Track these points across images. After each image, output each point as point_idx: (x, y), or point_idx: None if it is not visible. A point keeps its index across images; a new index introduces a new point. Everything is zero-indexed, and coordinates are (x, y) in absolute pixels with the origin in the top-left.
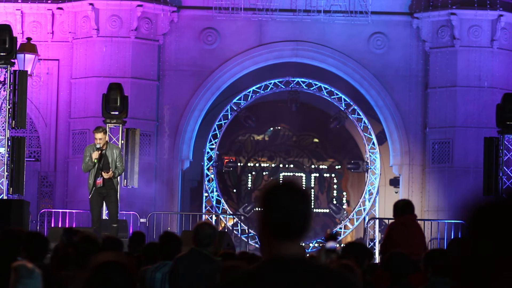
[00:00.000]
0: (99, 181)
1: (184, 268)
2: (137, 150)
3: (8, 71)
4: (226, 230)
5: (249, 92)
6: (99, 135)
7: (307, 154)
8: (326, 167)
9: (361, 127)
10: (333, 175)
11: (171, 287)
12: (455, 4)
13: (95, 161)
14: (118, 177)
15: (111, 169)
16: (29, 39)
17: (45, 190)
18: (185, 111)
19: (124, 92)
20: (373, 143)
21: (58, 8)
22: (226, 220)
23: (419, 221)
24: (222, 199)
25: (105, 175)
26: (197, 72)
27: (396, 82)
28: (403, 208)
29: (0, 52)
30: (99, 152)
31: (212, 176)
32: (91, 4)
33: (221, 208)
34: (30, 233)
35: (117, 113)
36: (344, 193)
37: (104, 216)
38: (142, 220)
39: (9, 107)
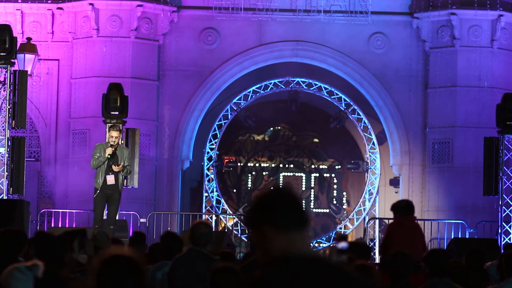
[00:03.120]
0: (111, 178)
1: (183, 268)
2: (137, 150)
3: (8, 71)
4: (226, 230)
5: (249, 92)
6: (115, 133)
7: (307, 154)
8: (326, 167)
9: (361, 127)
10: (333, 175)
11: (170, 287)
12: (455, 4)
13: (108, 156)
14: (124, 178)
15: (121, 163)
16: (29, 39)
17: (45, 190)
18: (185, 111)
19: (124, 92)
20: (373, 143)
21: (58, 8)
22: (226, 220)
23: (419, 221)
24: (222, 199)
25: (115, 168)
26: (197, 72)
27: (396, 82)
28: (402, 209)
29: (0, 52)
30: (113, 148)
31: (212, 176)
32: (91, 4)
33: (221, 208)
34: (39, 233)
35: (117, 113)
36: (344, 193)
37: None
38: (142, 220)
39: (9, 107)
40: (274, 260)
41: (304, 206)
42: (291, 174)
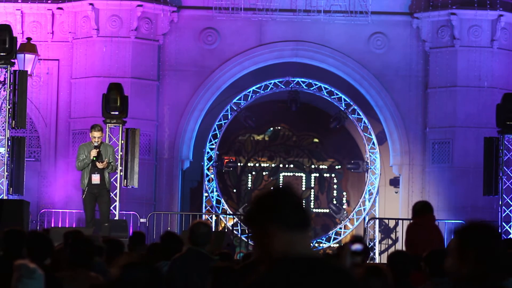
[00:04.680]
0: (96, 177)
1: (182, 267)
2: (137, 150)
3: (8, 71)
4: (226, 230)
5: (249, 92)
6: (97, 134)
7: (307, 154)
8: (326, 167)
9: (361, 127)
10: (333, 175)
11: (169, 287)
12: (455, 4)
13: (94, 158)
14: (110, 176)
15: (106, 160)
16: (29, 39)
17: (45, 190)
18: (185, 111)
19: (124, 92)
20: (373, 143)
21: (58, 8)
22: (226, 220)
23: None
24: (222, 199)
25: (99, 165)
26: (197, 72)
27: (396, 82)
28: (421, 209)
29: (0, 52)
30: (97, 150)
31: (212, 176)
32: (91, 4)
33: (221, 208)
34: (32, 233)
35: (117, 113)
36: (344, 193)
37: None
38: (142, 220)
39: (9, 107)
40: (274, 260)
41: (305, 207)
42: (291, 174)
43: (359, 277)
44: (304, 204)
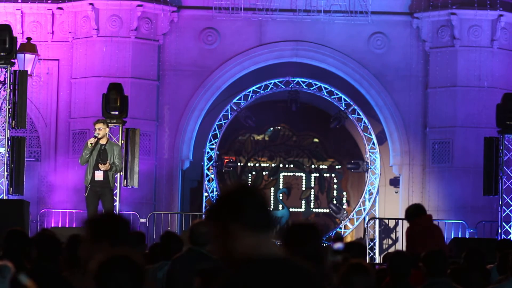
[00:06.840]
0: (99, 174)
1: (182, 267)
2: (137, 150)
3: (8, 71)
4: None
5: (249, 92)
6: (98, 125)
7: (307, 154)
8: (326, 167)
9: (361, 127)
10: (333, 175)
11: (169, 287)
12: (455, 4)
13: (89, 145)
14: (114, 176)
15: (108, 162)
16: (29, 39)
17: (45, 190)
18: (185, 111)
19: (124, 92)
20: (373, 143)
21: (58, 8)
22: None
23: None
24: None
25: (102, 167)
26: (197, 72)
27: (396, 82)
28: (415, 212)
29: (0, 52)
30: (95, 138)
31: (212, 176)
32: (91, 4)
33: None
34: (41, 234)
35: (117, 113)
36: (344, 193)
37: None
38: (142, 220)
39: (9, 107)
40: (239, 261)
41: (271, 208)
42: (291, 174)
43: (342, 274)
44: (270, 205)
